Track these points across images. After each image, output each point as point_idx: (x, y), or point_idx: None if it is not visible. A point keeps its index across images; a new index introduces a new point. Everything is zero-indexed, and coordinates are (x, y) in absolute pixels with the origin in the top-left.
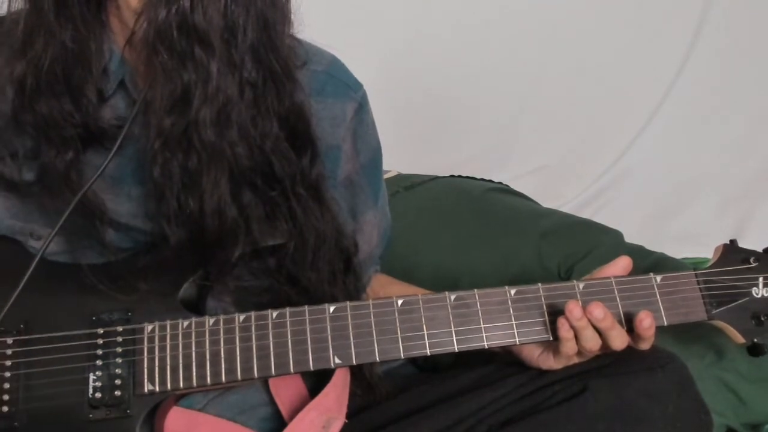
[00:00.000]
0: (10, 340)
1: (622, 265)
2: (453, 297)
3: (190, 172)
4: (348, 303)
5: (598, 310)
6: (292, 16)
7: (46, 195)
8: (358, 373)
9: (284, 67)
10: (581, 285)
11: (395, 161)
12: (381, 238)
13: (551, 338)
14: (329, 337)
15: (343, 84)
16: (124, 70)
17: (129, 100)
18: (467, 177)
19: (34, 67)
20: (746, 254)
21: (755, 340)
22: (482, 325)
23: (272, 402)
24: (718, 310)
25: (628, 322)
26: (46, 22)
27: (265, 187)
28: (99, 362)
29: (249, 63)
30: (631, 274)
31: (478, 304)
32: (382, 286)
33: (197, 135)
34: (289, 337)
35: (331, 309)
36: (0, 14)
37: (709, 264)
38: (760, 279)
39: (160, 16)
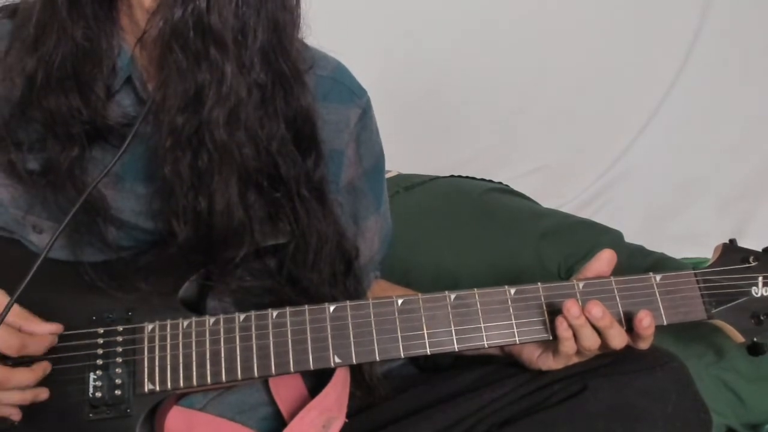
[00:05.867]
0: None
1: (606, 257)
2: (453, 296)
3: (200, 171)
4: (348, 302)
5: (596, 309)
6: (301, 21)
7: (50, 189)
8: (357, 374)
9: (293, 69)
10: (581, 284)
11: (395, 161)
12: (382, 243)
13: (551, 337)
14: (329, 337)
15: (348, 90)
16: (131, 67)
17: (135, 97)
18: (467, 177)
19: (45, 63)
20: (745, 254)
21: (755, 339)
22: (482, 325)
23: (272, 402)
24: (717, 310)
25: (628, 322)
26: (59, 18)
27: (270, 188)
28: (99, 362)
29: (258, 65)
30: (631, 274)
31: (478, 303)
32: (383, 290)
33: (209, 134)
34: (289, 336)
35: (332, 308)
36: (13, 1)
37: (709, 263)
38: (760, 278)
39: (176, 16)
